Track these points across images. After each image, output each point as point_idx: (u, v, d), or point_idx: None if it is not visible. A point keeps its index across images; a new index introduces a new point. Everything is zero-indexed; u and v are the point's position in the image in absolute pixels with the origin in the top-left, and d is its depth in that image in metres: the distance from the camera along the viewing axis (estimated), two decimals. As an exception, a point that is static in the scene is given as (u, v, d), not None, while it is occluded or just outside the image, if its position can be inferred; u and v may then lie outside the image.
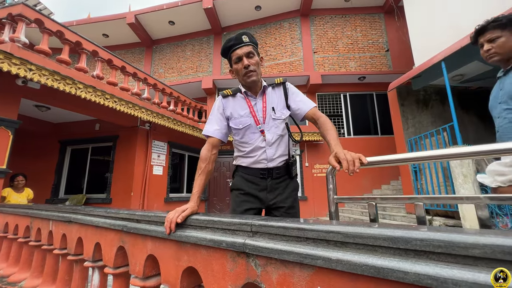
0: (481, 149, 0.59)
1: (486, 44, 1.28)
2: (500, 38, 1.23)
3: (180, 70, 9.71)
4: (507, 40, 1.22)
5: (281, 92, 1.35)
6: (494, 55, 1.26)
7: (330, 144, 1.00)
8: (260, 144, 1.26)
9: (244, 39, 1.23)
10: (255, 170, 1.28)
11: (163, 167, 6.34)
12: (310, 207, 7.41)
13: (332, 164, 0.83)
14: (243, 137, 1.29)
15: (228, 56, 1.29)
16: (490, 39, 1.26)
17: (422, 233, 0.42)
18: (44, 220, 1.75)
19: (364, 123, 8.15)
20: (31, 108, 4.93)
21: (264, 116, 1.28)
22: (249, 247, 0.62)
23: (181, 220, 0.84)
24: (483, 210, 0.56)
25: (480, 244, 0.36)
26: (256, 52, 1.27)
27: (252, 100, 1.32)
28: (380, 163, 0.75)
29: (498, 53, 1.25)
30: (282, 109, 1.31)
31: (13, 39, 3.36)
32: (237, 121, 1.28)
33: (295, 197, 1.34)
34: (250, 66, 1.22)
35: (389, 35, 8.44)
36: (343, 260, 0.47)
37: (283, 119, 1.30)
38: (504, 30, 1.23)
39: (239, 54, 1.22)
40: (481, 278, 0.35)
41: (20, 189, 3.82)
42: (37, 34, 6.90)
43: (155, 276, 0.96)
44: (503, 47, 1.23)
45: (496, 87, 1.34)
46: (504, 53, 1.24)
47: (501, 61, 1.27)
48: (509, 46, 1.22)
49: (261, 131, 1.26)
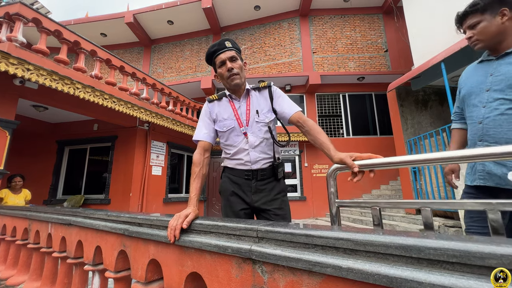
0: (483, 152, 0.58)
1: (467, 31, 1.16)
2: (480, 23, 1.11)
3: (179, 70, 9.68)
4: (488, 25, 1.10)
5: (266, 95, 1.35)
6: (476, 42, 1.14)
7: (329, 147, 1.02)
8: (244, 146, 1.29)
9: (227, 45, 1.27)
10: (240, 171, 1.31)
11: (162, 167, 6.31)
12: (309, 207, 7.41)
13: (349, 163, 0.85)
14: (228, 139, 1.33)
15: (212, 62, 1.31)
16: (471, 25, 1.15)
17: (435, 242, 0.41)
18: (43, 223, 1.73)
19: (363, 123, 8.17)
20: (28, 108, 4.88)
21: (247, 119, 1.30)
22: (255, 254, 0.61)
23: (187, 225, 0.82)
24: (496, 216, 0.55)
25: (497, 254, 0.36)
26: (239, 57, 1.31)
27: (236, 103, 1.34)
28: (386, 165, 0.75)
29: (480, 40, 1.13)
30: (267, 113, 1.32)
31: (11, 38, 3.32)
32: (221, 124, 1.32)
33: (283, 199, 1.33)
34: (234, 70, 1.25)
35: (388, 36, 8.46)
36: (354, 269, 0.46)
37: (266, 123, 1.31)
38: (484, 13, 1.11)
39: (222, 58, 1.26)
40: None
41: (17, 190, 3.79)
42: (35, 33, 6.85)
43: (157, 280, 0.95)
44: (484, 32, 1.11)
45: (479, 71, 1.20)
46: (487, 39, 1.11)
47: (487, 48, 1.15)
48: (492, 31, 1.10)
49: (244, 133, 1.29)
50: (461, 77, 1.32)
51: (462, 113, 1.33)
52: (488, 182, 1.05)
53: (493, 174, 1.04)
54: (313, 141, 1.14)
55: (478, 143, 1.09)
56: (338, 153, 0.94)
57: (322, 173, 7.69)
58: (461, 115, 1.36)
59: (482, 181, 1.08)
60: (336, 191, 0.93)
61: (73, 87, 3.82)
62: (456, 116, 1.40)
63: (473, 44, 1.16)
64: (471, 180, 1.16)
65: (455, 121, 1.41)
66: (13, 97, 3.66)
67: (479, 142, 1.10)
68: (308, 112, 8.17)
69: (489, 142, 1.06)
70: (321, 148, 1.07)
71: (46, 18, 3.79)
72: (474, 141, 1.14)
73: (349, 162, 0.85)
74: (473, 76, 1.22)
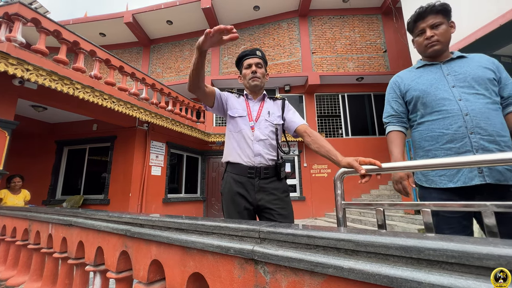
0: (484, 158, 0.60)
1: (428, 30, 1.17)
2: (442, 25, 1.16)
3: (178, 70, 9.67)
4: (448, 29, 1.17)
5: (279, 106, 1.50)
6: (436, 43, 1.17)
7: (335, 154, 1.11)
8: (250, 136, 1.37)
9: (257, 53, 1.47)
10: (243, 168, 1.33)
11: (161, 167, 6.31)
12: (308, 208, 7.43)
13: (356, 166, 0.91)
14: (236, 126, 1.43)
15: (240, 63, 1.50)
16: (434, 25, 1.16)
17: (435, 243, 0.42)
18: (44, 223, 1.74)
19: (362, 123, 8.20)
20: (28, 108, 4.87)
21: (257, 116, 1.43)
22: (257, 254, 0.62)
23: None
24: (490, 217, 0.56)
25: (495, 255, 0.37)
26: (264, 67, 1.49)
27: (250, 102, 1.49)
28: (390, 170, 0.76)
29: (440, 42, 1.16)
30: (277, 117, 1.46)
31: (10, 38, 3.31)
32: (233, 111, 1.45)
33: (286, 200, 1.36)
34: (257, 73, 1.44)
35: (387, 36, 8.48)
36: (356, 269, 0.47)
37: (274, 124, 1.42)
38: (445, 17, 1.17)
39: (250, 62, 1.45)
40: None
41: (17, 190, 3.78)
42: (34, 33, 6.84)
43: (159, 281, 0.96)
44: (445, 35, 1.16)
45: (426, 73, 1.23)
46: (445, 42, 1.17)
47: (440, 51, 1.19)
48: (448, 36, 1.17)
49: (251, 127, 1.39)
50: (399, 81, 1.33)
51: (402, 116, 1.31)
52: (489, 179, 1.01)
53: (494, 170, 1.01)
54: (318, 149, 1.23)
55: (471, 136, 1.06)
56: (345, 158, 1.02)
57: (321, 173, 7.71)
58: (400, 118, 1.32)
59: (481, 178, 1.02)
60: (343, 193, 0.94)
61: (72, 87, 3.82)
62: (394, 118, 1.33)
63: (432, 44, 1.18)
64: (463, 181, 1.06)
65: (392, 124, 1.32)
66: (12, 97, 3.66)
67: (471, 135, 1.06)
68: (307, 112, 8.19)
69: (482, 135, 1.05)
70: (328, 155, 1.16)
71: (45, 18, 3.79)
72: (462, 134, 1.08)
73: (356, 166, 0.92)
74: (421, 78, 1.24)
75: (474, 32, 3.63)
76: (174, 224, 0.88)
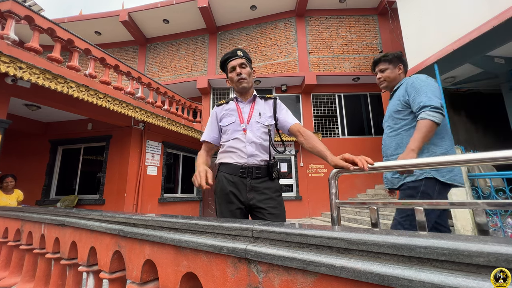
0: (480, 156, 0.60)
1: (378, 73, 1.65)
2: (387, 69, 1.60)
3: (174, 69, 9.62)
4: (391, 72, 1.60)
5: (270, 105, 1.48)
6: (383, 82, 1.64)
7: (326, 154, 1.13)
8: (242, 138, 1.38)
9: (238, 53, 1.44)
10: (235, 167, 1.34)
11: (157, 167, 6.27)
12: (305, 207, 7.45)
13: (343, 165, 0.92)
14: (227, 133, 1.45)
15: (225, 68, 1.48)
16: (382, 69, 1.62)
17: (426, 241, 0.42)
18: (36, 224, 1.71)
19: (358, 123, 8.25)
20: (21, 107, 4.80)
21: (248, 118, 1.42)
22: (250, 253, 0.62)
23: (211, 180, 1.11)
24: (481, 215, 0.57)
25: (484, 252, 0.37)
26: (249, 65, 1.47)
27: (241, 105, 1.48)
28: (382, 169, 0.76)
29: (386, 81, 1.62)
30: (268, 118, 1.44)
31: (2, 36, 3.26)
32: (224, 120, 1.46)
33: (278, 199, 1.36)
34: (242, 74, 1.41)
35: (383, 37, 8.54)
36: (347, 267, 0.47)
37: (266, 125, 1.41)
38: (390, 63, 1.60)
39: (233, 64, 1.42)
40: (485, 286, 0.35)
41: (9, 190, 3.72)
42: (28, 31, 6.75)
43: (152, 281, 0.95)
44: (389, 76, 1.60)
45: None
46: (390, 81, 1.61)
47: (387, 87, 1.66)
48: (393, 76, 1.60)
49: (243, 129, 1.39)
50: None
51: None
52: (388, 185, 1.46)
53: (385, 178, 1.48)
54: (311, 148, 1.25)
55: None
56: (334, 158, 1.03)
57: (317, 173, 7.73)
58: None
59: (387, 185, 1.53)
60: (337, 192, 0.95)
61: (66, 86, 3.77)
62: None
63: (380, 83, 1.66)
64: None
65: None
66: (4, 96, 3.60)
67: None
68: (303, 112, 8.21)
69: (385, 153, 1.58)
70: (320, 155, 1.19)
71: (39, 15, 3.73)
72: None
73: (344, 165, 0.94)
74: None
75: (468, 33, 3.67)
76: (167, 223, 0.87)
